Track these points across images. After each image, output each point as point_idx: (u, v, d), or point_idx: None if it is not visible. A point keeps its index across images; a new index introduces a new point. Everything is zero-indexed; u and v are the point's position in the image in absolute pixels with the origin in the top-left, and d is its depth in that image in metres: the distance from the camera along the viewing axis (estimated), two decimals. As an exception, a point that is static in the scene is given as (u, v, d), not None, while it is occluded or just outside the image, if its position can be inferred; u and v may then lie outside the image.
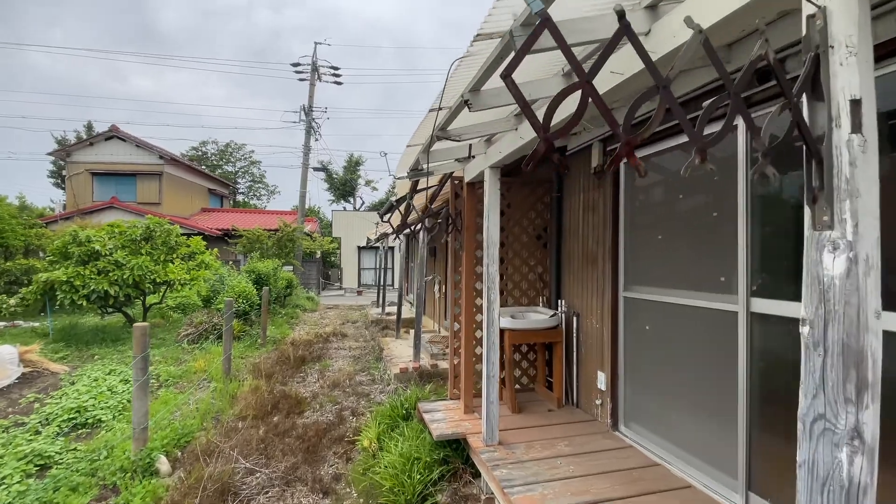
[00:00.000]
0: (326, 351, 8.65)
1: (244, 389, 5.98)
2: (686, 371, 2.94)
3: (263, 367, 7.14)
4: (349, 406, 5.50)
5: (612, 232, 3.57)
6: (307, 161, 19.55)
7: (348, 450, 4.27)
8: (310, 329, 11.21)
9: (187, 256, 10.45)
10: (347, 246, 26.26)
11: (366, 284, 26.26)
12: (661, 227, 3.18)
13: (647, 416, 3.30)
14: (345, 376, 6.67)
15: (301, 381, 6.62)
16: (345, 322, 12.59)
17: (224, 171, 35.68)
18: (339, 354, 8.41)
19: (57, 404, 5.57)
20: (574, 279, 4.11)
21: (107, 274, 8.75)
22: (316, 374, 6.90)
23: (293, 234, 17.10)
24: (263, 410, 5.24)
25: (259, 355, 8.24)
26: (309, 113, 19.17)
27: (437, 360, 6.82)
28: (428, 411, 4.04)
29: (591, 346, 3.85)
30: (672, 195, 3.10)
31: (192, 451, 4.25)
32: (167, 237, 9.95)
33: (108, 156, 22.06)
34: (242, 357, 8.06)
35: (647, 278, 3.31)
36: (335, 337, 10.15)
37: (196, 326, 8.82)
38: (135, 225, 9.75)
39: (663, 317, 3.12)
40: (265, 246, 16.81)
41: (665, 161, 3.18)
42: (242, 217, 24.28)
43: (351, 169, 36.41)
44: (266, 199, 38.80)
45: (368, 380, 6.61)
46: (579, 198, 4.05)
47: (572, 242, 4.16)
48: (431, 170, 3.72)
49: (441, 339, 8.01)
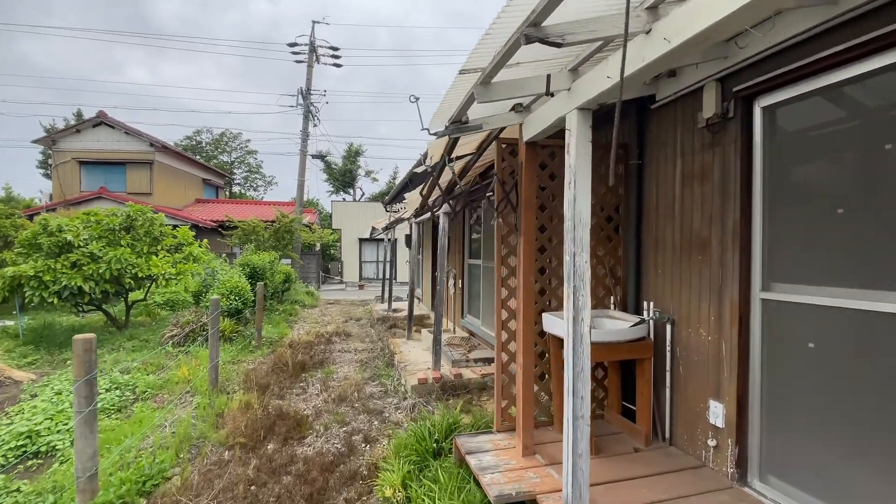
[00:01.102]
0: (329, 354, 7.64)
1: (233, 406, 4.97)
2: (885, 411, 1.93)
3: (257, 375, 6.12)
4: (360, 428, 4.50)
5: (739, 207, 2.53)
6: (305, 148, 18.43)
7: (364, 497, 3.27)
8: (310, 328, 10.19)
9: (174, 248, 9.41)
10: (348, 238, 25.21)
11: (367, 278, 25.24)
12: (843, 196, 2.14)
13: (803, 468, 2.30)
14: (352, 387, 5.66)
15: (301, 394, 5.61)
16: (348, 319, 11.58)
17: (219, 162, 34.51)
18: (344, 358, 7.40)
19: (7, 427, 4.56)
20: (665, 274, 3.08)
21: (80, 268, 7.72)
22: (318, 385, 5.89)
23: (291, 225, 16.04)
24: (255, 436, 4.23)
25: (253, 360, 7.23)
26: (307, 96, 18.03)
27: (460, 367, 5.81)
28: (472, 452, 3.03)
29: (697, 364, 2.83)
30: (867, 145, 2.07)
31: (162, 500, 3.24)
32: (150, 227, 8.90)
33: (95, 143, 20.93)
34: (234, 362, 7.05)
35: (810, 273, 2.28)
36: (338, 337, 9.14)
37: (182, 327, 7.79)
38: (114, 213, 8.69)
39: (844, 330, 2.10)
40: (261, 238, 15.76)
41: (858, 93, 2.14)
42: (238, 208, 23.19)
43: (350, 159, 35.25)
44: (263, 191, 37.67)
45: (380, 391, 5.60)
46: (675, 164, 3.01)
47: (663, 224, 3.12)
48: (479, 122, 2.68)
49: (460, 341, 7.00)
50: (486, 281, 6.84)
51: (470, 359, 5.94)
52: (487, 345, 6.62)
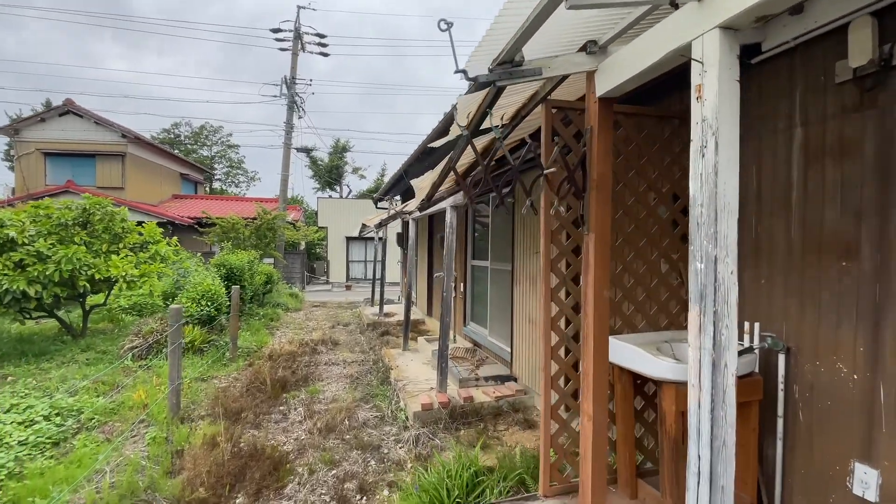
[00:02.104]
0: (314, 368, 6.73)
1: (196, 441, 4.06)
2: None
3: (229, 397, 5.20)
4: (353, 471, 3.63)
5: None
6: (289, 140, 17.39)
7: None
8: (293, 335, 9.25)
9: (139, 247, 8.39)
10: (335, 236, 24.18)
11: (355, 278, 24.25)
12: None
13: None
14: (341, 412, 4.79)
15: (281, 420, 4.72)
16: (335, 325, 10.66)
17: (199, 156, 33.08)
18: (332, 373, 6.50)
19: None
20: (775, 286, 2.29)
21: (25, 269, 6.68)
22: (301, 409, 5.00)
23: (273, 222, 15.02)
24: (221, 486, 3.34)
25: (226, 375, 6.29)
26: (291, 85, 16.98)
27: (469, 388, 4.97)
28: (517, 533, 2.20)
29: (831, 412, 2.04)
30: None
31: None
32: (110, 222, 7.88)
33: (62, 133, 19.56)
34: (204, 379, 6.10)
35: None
36: (324, 346, 8.23)
37: (145, 337, 6.81)
38: (68, 206, 7.65)
39: None
40: (241, 236, 14.70)
41: None
42: (217, 204, 21.98)
43: (337, 155, 34.12)
44: (245, 187, 36.32)
45: (375, 417, 4.74)
46: (791, 136, 2.22)
47: (770, 218, 2.33)
48: (536, 66, 1.85)
49: (465, 353, 6.17)
50: (497, 285, 6.01)
51: (480, 377, 5.10)
52: (498, 359, 5.80)
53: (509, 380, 5.12)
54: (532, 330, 4.62)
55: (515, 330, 5.03)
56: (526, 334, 4.78)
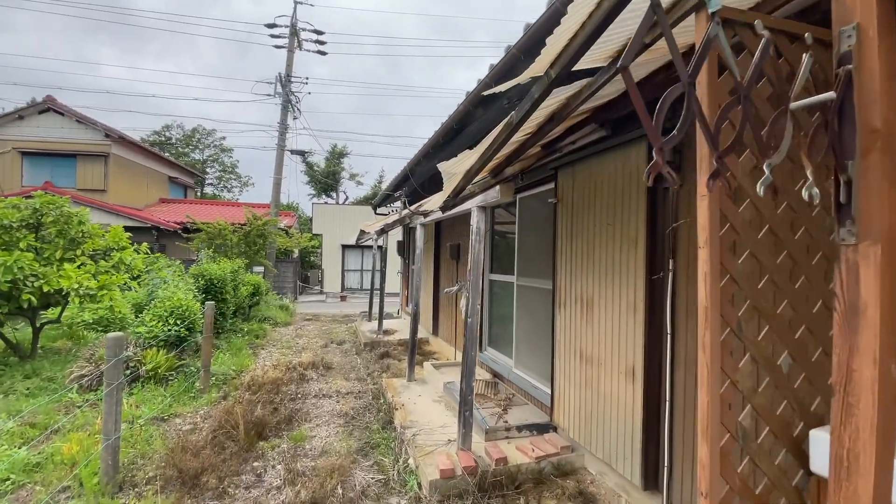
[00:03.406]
0: (301, 403, 5.59)
1: (130, 526, 2.92)
2: None
3: (189, 449, 4.04)
4: (348, 583, 2.49)
5: None
6: (283, 142, 16.32)
7: None
8: (279, 356, 8.10)
9: (102, 253, 7.25)
10: (330, 244, 23.04)
11: (350, 288, 23.09)
12: None
13: None
14: (333, 474, 3.65)
15: (253, 486, 3.58)
16: (328, 343, 9.50)
17: (191, 160, 31.95)
18: (322, 410, 5.36)
19: None
20: None
21: (-47, 279, 5.54)
22: (281, 466, 3.86)
23: (264, 228, 13.89)
24: None
25: (193, 412, 5.14)
26: (286, 84, 15.95)
27: (498, 440, 3.86)
28: None
29: None
30: None
31: None
32: (66, 225, 6.74)
33: (41, 132, 18.42)
34: (165, 418, 4.95)
35: None
36: (315, 371, 7.08)
37: (97, 363, 5.65)
38: (14, 205, 6.52)
39: None
40: (229, 242, 13.55)
41: None
42: (205, 209, 20.84)
43: (334, 160, 33.08)
44: (238, 192, 35.19)
45: (377, 483, 3.61)
46: None
47: None
48: None
49: (484, 388, 5.06)
50: (527, 307, 4.92)
51: (511, 425, 3.98)
52: (528, 398, 4.69)
53: (548, 429, 4.01)
54: (585, 369, 3.52)
55: (558, 366, 3.93)
56: (574, 373, 3.68)
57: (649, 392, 2.90)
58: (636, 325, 2.98)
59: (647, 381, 2.89)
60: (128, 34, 76.36)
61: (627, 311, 3.06)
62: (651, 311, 2.90)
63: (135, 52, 73.31)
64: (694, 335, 2.65)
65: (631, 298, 3.03)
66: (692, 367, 2.66)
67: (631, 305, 3.02)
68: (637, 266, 2.98)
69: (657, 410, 2.90)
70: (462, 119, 4.49)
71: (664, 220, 2.88)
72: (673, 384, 2.80)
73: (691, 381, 2.66)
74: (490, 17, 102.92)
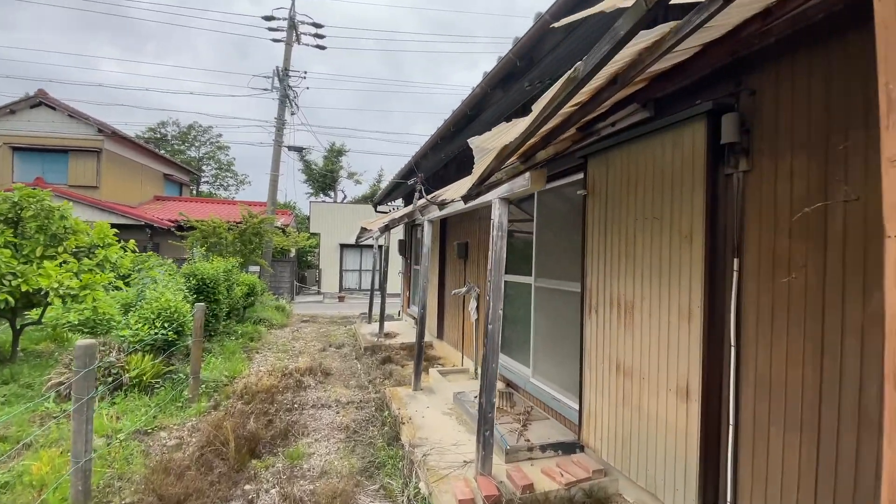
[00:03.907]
0: (299, 413, 5.14)
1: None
2: None
3: (172, 470, 3.60)
4: None
5: None
6: (280, 138, 15.86)
7: None
8: (275, 361, 7.65)
9: (87, 251, 6.80)
10: (328, 243, 22.58)
11: (348, 289, 22.63)
12: None
13: None
14: (335, 500, 3.21)
15: (243, 514, 3.14)
16: (326, 346, 9.06)
17: (187, 157, 31.41)
18: (321, 422, 4.92)
19: None
20: None
21: (-81, 278, 5.08)
22: (276, 491, 3.41)
23: (260, 226, 13.42)
24: None
25: (180, 424, 4.70)
26: (284, 78, 15.50)
27: (520, 462, 3.43)
28: None
29: None
30: None
31: None
32: (47, 220, 6.29)
33: (33, 127, 17.94)
34: (148, 431, 4.51)
35: None
36: (313, 377, 6.63)
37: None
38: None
39: None
40: (224, 241, 13.08)
41: None
42: (200, 207, 20.36)
43: (332, 159, 32.59)
44: (234, 190, 34.67)
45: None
46: None
47: None
48: None
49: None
50: (548, 311, 4.50)
51: (533, 444, 3.55)
52: (548, 410, 4.26)
53: (574, 449, 3.58)
54: (623, 383, 3.09)
55: (588, 378, 3.50)
56: (609, 387, 3.25)
57: (708, 414, 2.47)
58: (691, 335, 2.56)
59: (705, 401, 2.47)
60: (125, 30, 75.65)
61: (679, 318, 2.63)
62: (711, 319, 2.48)
63: (132, 50, 72.59)
64: (767, 348, 2.23)
65: (684, 303, 2.60)
66: (764, 385, 2.24)
67: (684, 311, 2.60)
68: (693, 265, 2.56)
69: (717, 435, 2.47)
70: (478, 103, 4.07)
71: (726, 212, 2.46)
72: (738, 405, 2.38)
73: (764, 403, 2.24)
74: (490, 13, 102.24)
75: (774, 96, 2.27)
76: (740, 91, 2.45)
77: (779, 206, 2.20)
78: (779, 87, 2.24)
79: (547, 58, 3.19)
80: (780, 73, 2.24)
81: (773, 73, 2.28)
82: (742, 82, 2.44)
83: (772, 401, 2.21)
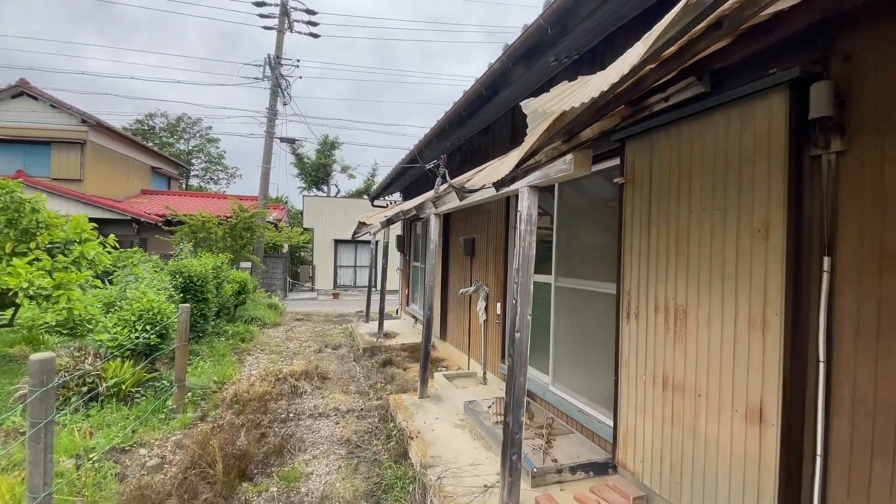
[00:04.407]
0: (294, 425, 4.71)
1: None
2: None
3: (150, 498, 3.14)
4: None
5: None
6: (272, 129, 15.30)
7: None
8: (268, 364, 7.19)
9: (62, 247, 6.28)
10: (322, 239, 22.04)
11: (343, 285, 22.14)
12: None
13: None
14: (339, 533, 2.79)
15: (233, 552, 2.70)
16: (322, 347, 8.60)
17: (175, 150, 30.62)
18: (319, 435, 4.49)
19: None
20: None
21: None
22: (271, 522, 2.98)
23: (251, 220, 12.90)
24: None
25: (163, 439, 4.24)
26: (276, 66, 14.92)
27: (549, 487, 3.03)
28: None
29: None
30: None
31: None
32: (17, 213, 5.77)
33: (14, 117, 17.21)
34: (126, 448, 4.04)
35: None
36: (309, 382, 6.19)
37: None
38: (-46, 190, 5.54)
39: None
40: (214, 236, 12.55)
41: None
42: (190, 201, 19.75)
43: (325, 152, 31.94)
44: (225, 184, 33.93)
45: (396, 543, 2.75)
46: None
47: None
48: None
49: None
50: (570, 314, 4.09)
51: (562, 464, 3.15)
52: (571, 422, 3.86)
53: (607, 469, 3.18)
54: (673, 400, 2.69)
55: (626, 392, 3.09)
56: (653, 403, 2.85)
57: (790, 441, 2.07)
58: (765, 348, 2.15)
59: (786, 427, 2.07)
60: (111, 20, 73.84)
61: (750, 328, 2.23)
62: (794, 330, 2.07)
63: (119, 39, 70.91)
64: (871, 364, 1.84)
65: (756, 310, 2.20)
66: (866, 409, 1.84)
67: (756, 320, 2.19)
68: (769, 265, 2.15)
69: (799, 467, 2.07)
70: (495, 81, 3.62)
71: (812, 201, 2.05)
72: (828, 433, 1.98)
73: (865, 430, 1.84)
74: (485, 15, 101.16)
75: (879, 62, 1.85)
76: (829, 56, 2.03)
77: (888, 193, 1.80)
78: (884, 52, 1.83)
79: (583, 24, 2.76)
80: (888, 34, 1.83)
81: (877, 33, 1.86)
82: (832, 46, 2.03)
83: (876, 427, 1.82)
